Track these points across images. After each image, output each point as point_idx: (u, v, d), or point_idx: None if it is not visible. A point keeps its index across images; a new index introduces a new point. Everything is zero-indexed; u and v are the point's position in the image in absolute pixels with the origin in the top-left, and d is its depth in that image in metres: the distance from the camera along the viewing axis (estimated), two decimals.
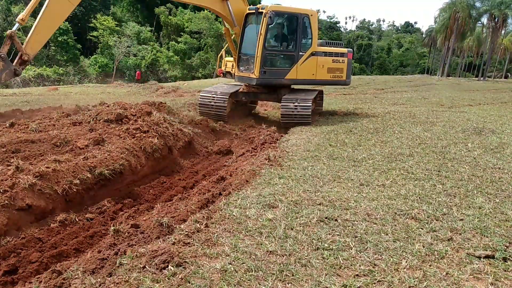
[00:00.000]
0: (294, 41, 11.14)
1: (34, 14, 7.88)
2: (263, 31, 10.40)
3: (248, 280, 2.82)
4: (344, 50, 12.19)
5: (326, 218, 3.97)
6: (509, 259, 3.25)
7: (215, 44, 42.84)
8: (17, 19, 7.36)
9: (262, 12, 10.41)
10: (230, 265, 2.98)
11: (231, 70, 12.18)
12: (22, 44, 7.40)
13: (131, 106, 8.37)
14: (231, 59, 12.32)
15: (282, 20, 10.87)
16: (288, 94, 11.32)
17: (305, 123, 10.40)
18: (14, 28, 7.32)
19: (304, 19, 11.03)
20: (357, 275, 2.96)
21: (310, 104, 10.58)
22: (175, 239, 3.38)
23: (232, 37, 11.50)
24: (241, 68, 11.33)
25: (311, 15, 11.18)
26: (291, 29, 11.13)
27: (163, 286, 2.71)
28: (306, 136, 8.61)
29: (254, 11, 10.79)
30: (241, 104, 12.75)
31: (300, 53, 11.16)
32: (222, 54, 13.11)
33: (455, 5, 47.87)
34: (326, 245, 3.39)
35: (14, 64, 7.36)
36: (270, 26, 10.49)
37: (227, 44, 12.03)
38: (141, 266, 2.94)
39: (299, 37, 11.09)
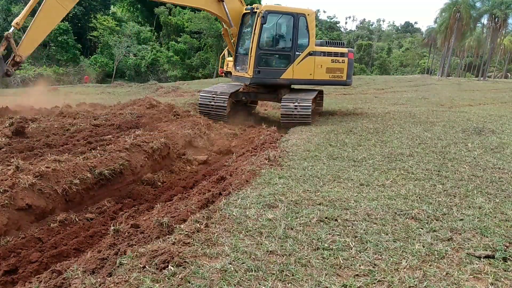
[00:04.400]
0: (290, 41, 11.11)
1: (32, 14, 8.02)
2: (257, 30, 10.43)
3: (248, 280, 2.82)
4: (345, 50, 11.98)
5: (326, 218, 3.97)
6: (509, 259, 3.25)
7: (215, 44, 42.80)
8: (12, 23, 7.68)
9: (254, 12, 10.48)
10: (230, 265, 2.98)
11: (232, 69, 12.21)
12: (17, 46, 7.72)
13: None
14: (231, 58, 12.35)
15: (278, 20, 10.84)
16: (288, 94, 11.32)
17: (305, 123, 10.40)
18: (10, 30, 7.64)
19: (300, 18, 10.95)
20: (357, 275, 2.96)
21: (310, 104, 10.58)
22: (175, 239, 3.37)
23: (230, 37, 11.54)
24: (237, 67, 11.39)
25: (308, 14, 11.08)
26: (287, 28, 11.11)
27: (163, 286, 2.71)
28: (306, 136, 8.61)
29: (250, 11, 10.84)
30: (241, 104, 12.75)
31: (297, 53, 11.11)
32: (224, 53, 13.11)
33: (455, 5, 47.87)
34: (326, 245, 3.39)
35: (7, 64, 7.72)
36: (264, 26, 10.51)
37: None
38: (141, 266, 2.93)
39: (295, 37, 11.02)
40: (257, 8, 10.58)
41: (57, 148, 6.59)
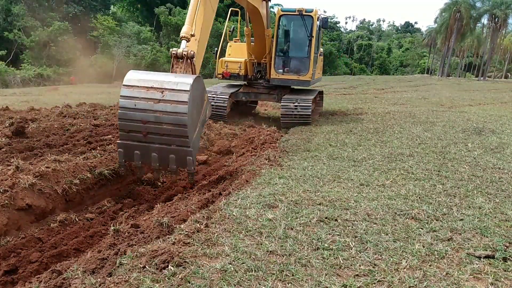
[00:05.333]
0: (317, 43, 11.57)
1: None
2: (314, 34, 10.77)
3: (248, 280, 2.82)
4: (321, 49, 13.17)
5: (326, 218, 3.97)
6: (509, 259, 3.25)
7: (215, 44, 42.75)
8: (183, 35, 5.64)
9: (308, 16, 10.72)
10: (230, 265, 2.98)
11: (238, 71, 11.73)
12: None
13: None
14: (232, 59, 12.09)
15: (316, 23, 11.07)
16: (288, 94, 11.32)
17: (305, 123, 10.41)
18: (183, 46, 5.52)
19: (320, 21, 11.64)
20: (357, 275, 2.96)
21: (310, 104, 10.58)
22: (175, 239, 3.38)
23: (247, 38, 11.28)
24: (279, 70, 11.30)
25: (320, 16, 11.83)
26: (319, 31, 11.53)
27: (163, 286, 2.71)
28: (306, 136, 8.61)
29: (293, 13, 10.96)
30: (241, 104, 12.73)
31: (317, 54, 11.72)
32: (216, 55, 12.58)
33: (455, 5, 47.91)
34: (326, 245, 3.39)
35: None
36: (304, 29, 10.86)
37: (219, 45, 12.01)
38: (141, 266, 2.94)
39: (319, 39, 11.72)
40: (306, 12, 10.72)
41: (57, 148, 6.60)
